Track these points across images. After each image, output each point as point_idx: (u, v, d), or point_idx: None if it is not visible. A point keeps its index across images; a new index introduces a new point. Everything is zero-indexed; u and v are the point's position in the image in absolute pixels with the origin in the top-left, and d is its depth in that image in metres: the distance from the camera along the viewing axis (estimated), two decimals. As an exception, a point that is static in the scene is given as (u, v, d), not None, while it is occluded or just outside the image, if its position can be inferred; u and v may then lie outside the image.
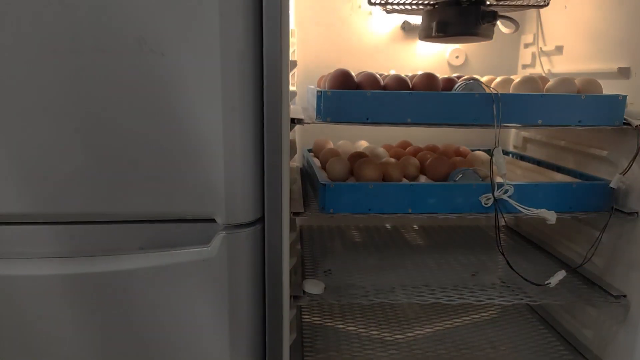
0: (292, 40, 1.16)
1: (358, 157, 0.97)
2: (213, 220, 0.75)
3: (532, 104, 0.83)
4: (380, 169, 0.90)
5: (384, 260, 1.05)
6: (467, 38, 0.87)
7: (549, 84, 0.88)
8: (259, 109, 0.72)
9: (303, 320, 1.09)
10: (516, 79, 0.99)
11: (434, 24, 0.86)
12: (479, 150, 1.26)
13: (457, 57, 1.27)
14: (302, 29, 1.25)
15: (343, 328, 1.04)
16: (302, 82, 1.26)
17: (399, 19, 1.24)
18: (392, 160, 0.94)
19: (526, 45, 1.27)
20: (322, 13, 1.24)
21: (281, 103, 0.72)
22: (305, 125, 0.81)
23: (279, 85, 0.71)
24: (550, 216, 0.80)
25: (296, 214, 0.82)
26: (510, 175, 1.05)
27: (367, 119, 0.82)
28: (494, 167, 0.82)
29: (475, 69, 1.29)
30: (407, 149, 1.10)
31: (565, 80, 0.87)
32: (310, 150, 1.23)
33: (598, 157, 0.96)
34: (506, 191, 0.83)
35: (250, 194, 0.75)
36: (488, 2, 0.89)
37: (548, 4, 0.81)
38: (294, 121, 0.80)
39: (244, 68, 0.70)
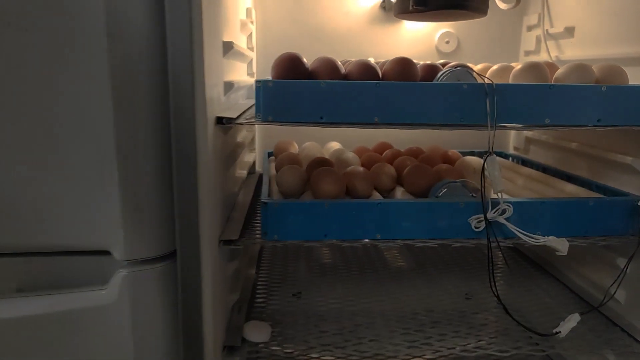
0: (248, 21, 0.96)
1: (318, 166, 0.78)
2: (109, 254, 0.57)
3: (537, 98, 0.63)
4: (342, 181, 0.70)
5: (353, 289, 0.86)
6: (455, 13, 0.68)
7: (559, 71, 0.69)
8: (162, 105, 0.53)
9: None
10: (517, 66, 0.79)
11: (411, -5, 0.66)
12: (473, 154, 1.06)
13: (447, 42, 1.07)
14: (262, 8, 1.05)
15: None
16: (263, 72, 1.07)
17: (378, -4, 1.04)
18: (360, 169, 0.74)
19: (529, 28, 1.07)
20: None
21: (194, 97, 0.52)
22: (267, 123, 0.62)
23: (189, 72, 0.52)
24: (561, 246, 0.61)
25: (228, 242, 0.63)
26: (509, 185, 0.85)
27: (322, 117, 0.63)
28: (488, 182, 0.62)
29: (468, 56, 1.09)
30: (385, 153, 0.91)
31: (580, 66, 0.67)
32: (271, 154, 1.03)
33: (620, 165, 0.77)
34: (503, 211, 0.63)
35: (156, 220, 0.56)
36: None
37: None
38: (222, 121, 0.60)
39: (136, 49, 0.51)
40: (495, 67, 0.79)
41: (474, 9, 0.66)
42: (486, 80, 0.63)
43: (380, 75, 0.66)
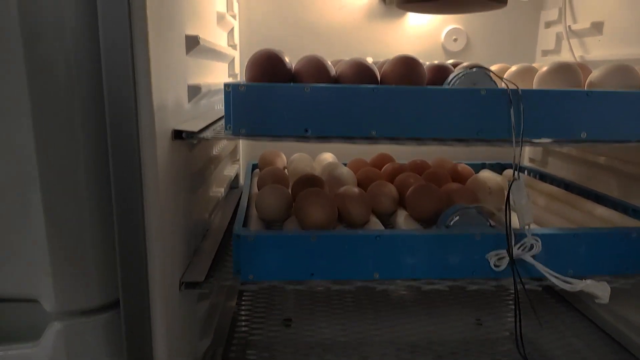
0: (229, 15, 0.84)
1: (306, 185, 0.66)
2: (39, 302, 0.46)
3: (572, 107, 0.52)
4: (333, 206, 0.58)
5: (351, 317, 0.74)
6: (469, 2, 0.56)
7: (594, 74, 0.57)
8: (99, 120, 0.41)
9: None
10: (541, 68, 0.67)
11: (415, -18, 0.55)
12: (484, 166, 0.94)
13: (455, 39, 0.95)
14: (246, 0, 0.93)
15: None
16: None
17: (377, -12, 0.93)
18: (355, 190, 0.62)
19: (548, 25, 0.95)
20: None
21: (136, 107, 0.40)
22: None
23: (128, 75, 0.40)
24: (602, 292, 0.49)
25: (191, 285, 0.51)
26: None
27: (307, 130, 0.51)
28: (513, 213, 0.50)
29: (478, 55, 0.97)
30: (384, 168, 0.79)
31: (622, 68, 0.55)
32: (256, 166, 0.91)
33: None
34: (530, 247, 0.51)
35: (94, 264, 0.45)
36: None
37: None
38: (181, 136, 0.48)
39: (62, 50, 0.39)
40: (514, 67, 0.67)
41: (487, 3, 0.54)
42: (508, 84, 0.51)
43: (379, 78, 0.55)
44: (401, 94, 0.50)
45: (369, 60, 0.97)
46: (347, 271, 0.53)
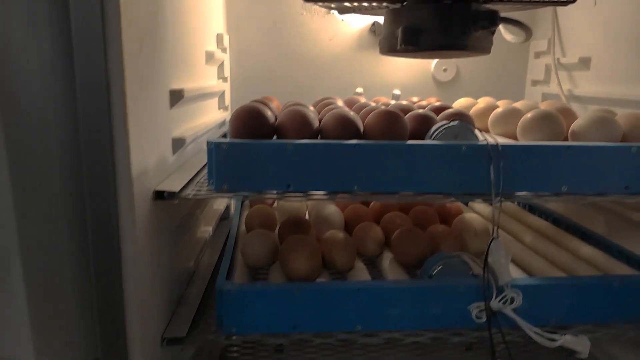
0: (218, 50, 0.85)
1: (292, 228, 0.66)
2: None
3: (552, 161, 0.52)
4: (317, 255, 0.58)
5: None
6: (452, 52, 0.57)
7: (578, 123, 0.57)
8: (77, 186, 0.42)
9: None
10: (524, 108, 0.68)
11: (399, 32, 0.55)
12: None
13: (444, 69, 0.96)
14: (237, 33, 0.93)
15: None
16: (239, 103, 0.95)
17: (367, 19, 0.93)
18: (340, 236, 0.63)
19: (537, 55, 0.95)
20: (262, 11, 0.93)
21: (114, 175, 0.41)
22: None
23: (105, 144, 0.40)
24: (581, 347, 0.50)
25: (173, 341, 0.51)
26: (513, 245, 0.73)
27: (289, 186, 0.51)
28: (492, 268, 0.51)
29: (468, 85, 0.98)
30: (372, 205, 0.79)
31: (603, 120, 0.55)
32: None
33: (646, 227, 0.65)
34: (511, 300, 0.52)
35: (73, 323, 0.45)
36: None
37: (574, 1, 0.50)
38: (162, 196, 0.49)
39: (38, 119, 0.40)
40: (500, 109, 0.67)
41: (475, 49, 0.55)
42: (488, 139, 0.52)
43: (362, 129, 0.55)
44: (383, 150, 0.51)
45: (359, 90, 0.97)
46: (330, 323, 0.54)
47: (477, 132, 0.53)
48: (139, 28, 0.44)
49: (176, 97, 0.54)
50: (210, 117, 0.79)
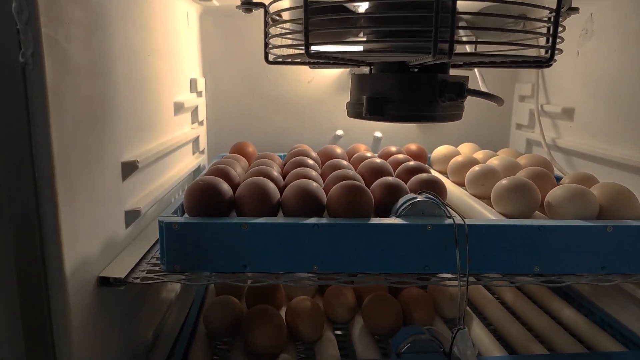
0: (192, 96, 0.83)
1: (258, 297, 0.64)
2: None
3: (523, 241, 0.49)
4: (280, 328, 0.56)
5: None
6: (426, 119, 0.54)
7: (553, 195, 0.54)
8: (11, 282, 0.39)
9: None
10: (503, 164, 0.66)
11: (364, 100, 0.52)
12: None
13: (427, 113, 0.93)
14: (213, 76, 0.91)
15: None
16: (215, 147, 0.93)
17: (347, 62, 0.90)
18: (307, 304, 0.60)
19: (522, 98, 0.93)
20: (239, 53, 0.90)
21: (45, 269, 0.38)
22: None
23: (35, 239, 0.38)
24: None
25: None
26: (494, 307, 0.70)
27: (245, 267, 0.48)
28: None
29: (452, 127, 0.95)
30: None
31: (580, 194, 0.53)
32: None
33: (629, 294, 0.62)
34: (479, 388, 0.49)
35: None
36: (456, 63, 0.56)
37: (550, 64, 0.47)
38: (108, 282, 0.46)
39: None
40: (476, 168, 0.65)
41: (443, 118, 0.52)
42: (457, 218, 0.49)
43: (325, 201, 0.52)
44: (344, 230, 0.48)
45: (339, 133, 0.95)
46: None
47: (444, 208, 0.51)
48: (77, 110, 0.41)
49: (129, 168, 0.52)
50: (182, 166, 0.77)
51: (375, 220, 0.49)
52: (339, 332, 0.64)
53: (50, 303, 0.39)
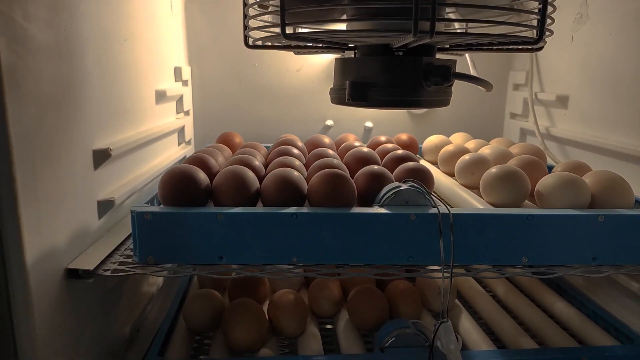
0: (177, 85, 0.80)
1: (242, 284, 0.62)
2: None
3: (511, 231, 0.47)
4: (261, 321, 0.54)
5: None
6: (410, 104, 0.52)
7: (544, 183, 0.52)
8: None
9: None
10: (494, 153, 0.64)
11: (347, 85, 0.50)
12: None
13: (419, 102, 0.91)
14: (198, 64, 0.89)
15: None
16: (202, 138, 0.91)
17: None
18: (290, 297, 0.58)
19: (516, 87, 0.91)
20: (226, 41, 0.88)
21: (3, 262, 0.36)
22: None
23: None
24: None
25: None
26: (484, 299, 0.68)
27: (221, 258, 0.47)
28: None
29: (444, 117, 0.93)
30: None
31: (571, 182, 0.51)
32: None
33: (623, 288, 0.60)
34: (465, 384, 0.47)
35: None
36: (442, 46, 0.54)
37: (540, 46, 0.45)
38: (77, 274, 0.44)
39: None
40: (466, 157, 0.63)
41: (428, 104, 0.50)
42: (441, 204, 0.47)
43: (307, 190, 0.50)
44: (324, 219, 0.46)
45: (329, 123, 0.93)
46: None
47: (430, 196, 0.49)
48: (39, 93, 0.39)
49: (102, 157, 0.50)
50: (166, 157, 0.75)
51: (357, 210, 0.47)
52: (328, 327, 0.62)
53: (10, 297, 0.37)
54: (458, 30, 0.60)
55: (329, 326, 0.63)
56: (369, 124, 0.93)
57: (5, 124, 0.35)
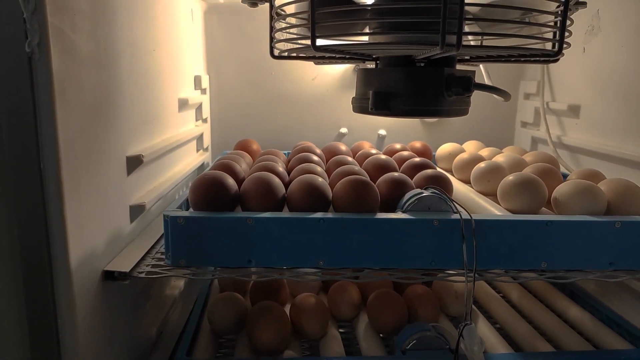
0: (196, 93, 0.82)
1: (264, 288, 0.63)
2: None
3: (531, 236, 0.49)
4: (284, 324, 0.55)
5: None
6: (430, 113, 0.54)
7: (561, 190, 0.54)
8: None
9: None
10: (508, 161, 0.65)
11: (370, 94, 0.52)
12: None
13: (431, 111, 0.93)
14: (217, 73, 0.91)
15: None
16: (219, 144, 0.93)
17: (351, 59, 0.90)
18: (311, 300, 0.60)
19: (527, 96, 0.93)
20: (243, 50, 0.90)
21: (50, 263, 0.38)
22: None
23: (41, 232, 0.37)
24: None
25: None
26: (500, 304, 0.70)
27: (250, 261, 0.48)
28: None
29: (456, 126, 0.95)
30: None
31: (588, 189, 0.52)
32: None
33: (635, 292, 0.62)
34: (486, 385, 0.48)
35: None
36: (462, 57, 0.56)
37: (558, 58, 0.47)
38: (112, 276, 0.46)
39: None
40: (482, 165, 0.65)
41: (449, 113, 0.52)
42: (463, 212, 0.49)
43: (332, 196, 0.52)
44: (349, 224, 0.48)
45: (343, 130, 0.95)
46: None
47: (451, 203, 0.50)
48: (83, 101, 0.41)
49: (134, 163, 0.52)
50: (186, 163, 0.77)
51: (381, 215, 0.49)
52: (342, 330, 0.64)
53: (56, 296, 0.39)
54: (472, 43, 0.62)
55: (346, 330, 0.64)
56: (382, 132, 0.95)
57: (55, 130, 0.37)
